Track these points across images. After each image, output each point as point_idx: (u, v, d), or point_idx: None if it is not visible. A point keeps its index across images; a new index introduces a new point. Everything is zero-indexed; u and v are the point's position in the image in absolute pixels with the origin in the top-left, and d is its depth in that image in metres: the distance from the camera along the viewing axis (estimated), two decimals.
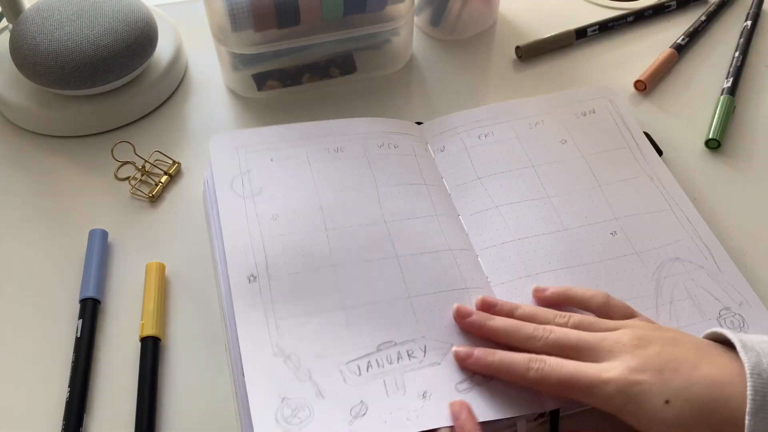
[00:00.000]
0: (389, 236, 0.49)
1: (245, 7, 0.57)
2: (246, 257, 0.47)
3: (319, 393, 0.41)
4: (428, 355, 0.44)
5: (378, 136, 0.56)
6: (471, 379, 0.43)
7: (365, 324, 0.45)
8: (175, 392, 0.46)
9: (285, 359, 0.43)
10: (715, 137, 0.60)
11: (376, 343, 0.44)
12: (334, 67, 0.65)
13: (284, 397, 0.41)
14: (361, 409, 0.41)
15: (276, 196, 0.51)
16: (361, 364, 0.43)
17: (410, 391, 0.42)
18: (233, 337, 0.45)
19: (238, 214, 0.49)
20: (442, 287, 0.47)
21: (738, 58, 0.67)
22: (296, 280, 0.46)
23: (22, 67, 0.58)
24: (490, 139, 0.57)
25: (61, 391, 0.45)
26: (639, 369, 0.38)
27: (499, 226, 0.52)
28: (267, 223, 0.49)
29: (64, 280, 0.51)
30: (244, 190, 0.51)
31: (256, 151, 0.53)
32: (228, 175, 0.52)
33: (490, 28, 0.72)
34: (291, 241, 0.48)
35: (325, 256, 0.48)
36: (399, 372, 0.43)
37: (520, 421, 0.43)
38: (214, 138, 0.54)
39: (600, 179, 0.55)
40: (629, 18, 0.72)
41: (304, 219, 0.50)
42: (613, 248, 0.50)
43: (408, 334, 0.45)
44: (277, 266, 0.47)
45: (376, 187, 0.52)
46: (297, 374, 0.42)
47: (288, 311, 0.45)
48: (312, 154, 0.54)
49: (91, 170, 0.59)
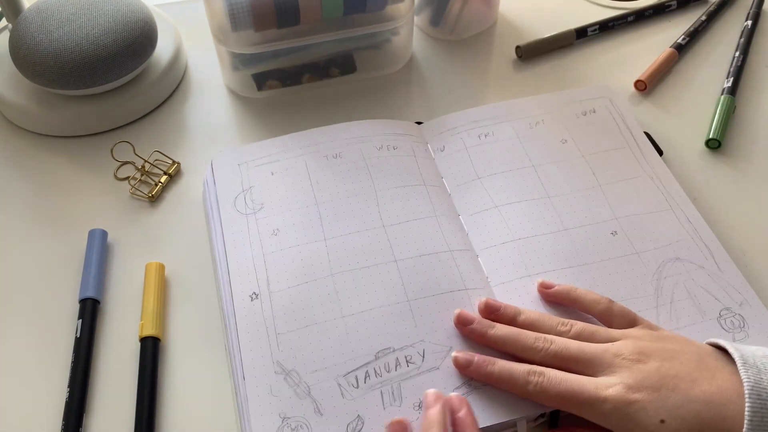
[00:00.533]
0: (388, 241, 0.50)
1: (245, 6, 0.57)
2: (249, 276, 0.48)
3: (317, 410, 0.42)
4: (426, 360, 0.44)
5: (376, 139, 0.56)
6: (469, 383, 0.43)
7: (364, 332, 0.45)
8: (175, 392, 0.46)
9: (285, 376, 0.43)
10: (716, 137, 0.60)
11: (375, 350, 0.44)
12: (334, 67, 0.65)
13: (285, 416, 0.42)
14: (357, 425, 0.42)
15: (276, 210, 0.51)
16: (359, 375, 0.43)
17: (406, 402, 0.42)
18: (236, 351, 0.45)
19: (241, 233, 0.50)
20: (441, 289, 0.47)
21: (738, 57, 0.67)
22: (296, 292, 0.47)
23: (22, 67, 0.58)
24: (490, 139, 0.57)
25: (60, 391, 0.45)
26: (636, 387, 0.38)
27: (499, 226, 0.52)
28: (268, 239, 0.50)
29: (63, 280, 0.51)
30: (246, 207, 0.52)
31: (257, 166, 0.54)
32: (231, 194, 0.53)
33: (490, 28, 0.72)
34: (291, 255, 0.49)
35: (324, 267, 0.48)
36: (396, 381, 0.43)
37: (520, 422, 0.43)
38: (218, 158, 0.55)
39: (600, 179, 0.55)
40: (629, 18, 0.72)
41: (303, 231, 0.50)
42: (614, 248, 0.50)
43: (407, 339, 0.45)
44: (278, 281, 0.47)
45: (374, 191, 0.53)
46: (297, 391, 0.43)
47: (288, 325, 0.45)
48: (311, 163, 0.54)
49: (90, 170, 0.59)
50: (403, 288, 0.47)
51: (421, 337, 0.45)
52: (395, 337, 0.45)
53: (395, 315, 0.46)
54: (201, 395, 0.46)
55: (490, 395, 0.42)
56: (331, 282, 0.47)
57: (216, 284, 0.50)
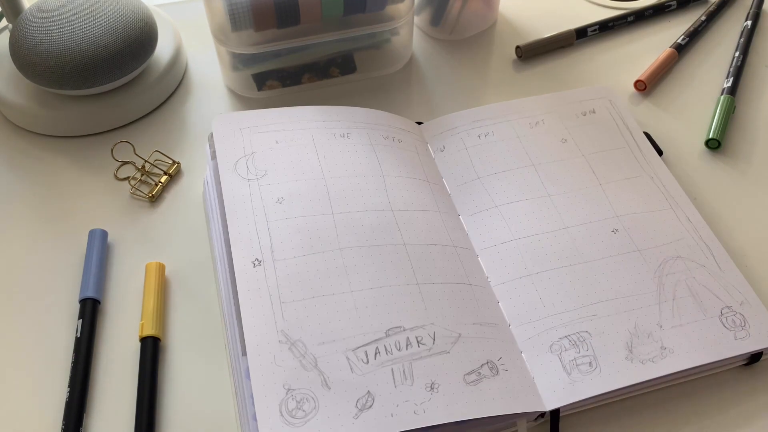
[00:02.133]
0: (396, 224, 0.49)
1: (245, 6, 0.57)
2: (250, 241, 0.46)
3: (325, 383, 0.40)
4: (437, 343, 0.43)
5: (383, 128, 0.56)
6: (479, 370, 0.42)
7: (374, 308, 0.44)
8: (175, 392, 0.46)
9: (290, 346, 0.41)
10: (716, 137, 0.60)
11: (385, 327, 0.43)
12: (334, 67, 0.65)
13: (289, 387, 0.40)
14: (368, 401, 0.40)
15: (281, 179, 0.50)
16: (369, 351, 0.42)
17: (418, 382, 0.41)
18: (234, 329, 0.44)
19: (243, 197, 0.48)
20: (448, 279, 0.47)
21: (738, 58, 0.67)
22: (302, 262, 0.45)
23: (22, 67, 0.58)
24: (490, 139, 0.57)
25: (61, 391, 0.45)
26: None
27: (499, 226, 0.52)
28: (272, 207, 0.48)
29: (63, 280, 0.51)
30: (248, 173, 0.50)
31: (261, 133, 0.52)
32: (232, 157, 0.51)
33: (490, 28, 0.72)
34: (297, 225, 0.47)
35: (332, 240, 0.47)
36: (407, 360, 0.42)
37: (520, 421, 0.43)
38: (217, 119, 0.53)
39: (600, 178, 0.55)
40: (629, 18, 0.72)
41: (310, 202, 0.49)
42: (615, 245, 0.50)
43: (417, 320, 0.44)
44: (282, 249, 0.46)
45: (382, 176, 0.52)
46: (302, 362, 0.41)
47: (294, 294, 0.44)
48: (318, 138, 0.53)
49: (91, 170, 0.59)
50: (412, 271, 0.46)
51: (432, 320, 0.44)
52: (406, 316, 0.44)
53: (405, 295, 0.45)
54: (201, 395, 0.46)
55: (497, 388, 0.42)
56: (339, 256, 0.46)
57: (213, 268, 0.50)
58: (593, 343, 0.45)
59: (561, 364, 0.44)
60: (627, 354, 0.45)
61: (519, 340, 0.46)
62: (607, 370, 0.44)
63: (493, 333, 0.45)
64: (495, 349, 0.44)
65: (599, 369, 0.44)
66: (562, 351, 0.45)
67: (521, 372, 0.44)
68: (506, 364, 0.44)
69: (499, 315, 0.47)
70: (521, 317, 0.47)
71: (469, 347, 0.43)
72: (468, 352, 0.43)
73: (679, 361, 0.44)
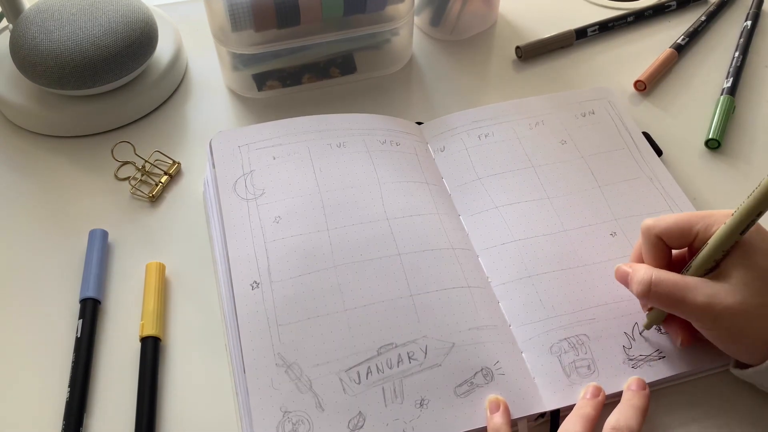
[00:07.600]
0: (391, 234, 0.49)
1: (245, 7, 0.57)
2: (249, 264, 0.47)
3: (319, 405, 0.42)
4: (429, 356, 0.44)
5: (380, 133, 0.56)
6: (472, 380, 0.43)
7: (366, 326, 0.45)
8: (175, 392, 0.46)
9: (287, 369, 0.43)
10: (715, 137, 0.60)
11: (377, 346, 0.44)
12: (334, 67, 0.65)
13: (285, 410, 0.41)
14: (359, 422, 0.41)
15: (278, 197, 0.51)
16: (360, 371, 0.43)
17: (408, 399, 0.42)
18: (235, 342, 0.45)
19: (242, 219, 0.49)
20: (444, 285, 0.47)
21: (738, 58, 0.67)
22: (298, 283, 0.46)
23: (22, 67, 0.58)
24: (490, 140, 0.57)
25: (61, 391, 0.45)
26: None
27: (499, 227, 0.52)
28: (270, 227, 0.49)
29: (64, 280, 0.51)
30: (247, 192, 0.51)
31: (258, 149, 0.53)
32: (231, 177, 0.52)
33: (490, 28, 0.72)
34: (293, 244, 0.48)
35: (327, 258, 0.48)
36: (398, 377, 0.43)
37: (521, 421, 0.43)
38: (216, 138, 0.54)
39: (599, 180, 0.55)
40: (629, 18, 0.72)
41: (306, 220, 0.49)
42: (613, 249, 0.50)
43: (409, 335, 0.45)
44: (279, 270, 0.47)
45: (378, 183, 0.52)
46: (298, 385, 0.42)
47: (289, 316, 0.45)
48: (314, 150, 0.54)
49: (91, 170, 0.59)
50: (406, 282, 0.47)
51: (424, 333, 0.45)
52: (397, 332, 0.45)
53: (398, 309, 0.46)
54: (201, 395, 0.46)
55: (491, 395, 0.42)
56: (333, 274, 0.47)
57: (215, 273, 0.50)
58: (592, 347, 0.45)
59: (561, 366, 0.44)
60: (624, 358, 0.45)
61: (520, 340, 0.46)
62: (606, 373, 0.44)
63: (491, 336, 0.45)
64: (492, 353, 0.44)
65: (597, 373, 0.44)
66: (561, 353, 0.45)
67: (521, 373, 0.44)
68: (504, 368, 0.44)
69: (500, 315, 0.47)
70: (522, 318, 0.47)
71: (463, 356, 0.44)
72: (462, 362, 0.44)
73: (677, 365, 0.45)
